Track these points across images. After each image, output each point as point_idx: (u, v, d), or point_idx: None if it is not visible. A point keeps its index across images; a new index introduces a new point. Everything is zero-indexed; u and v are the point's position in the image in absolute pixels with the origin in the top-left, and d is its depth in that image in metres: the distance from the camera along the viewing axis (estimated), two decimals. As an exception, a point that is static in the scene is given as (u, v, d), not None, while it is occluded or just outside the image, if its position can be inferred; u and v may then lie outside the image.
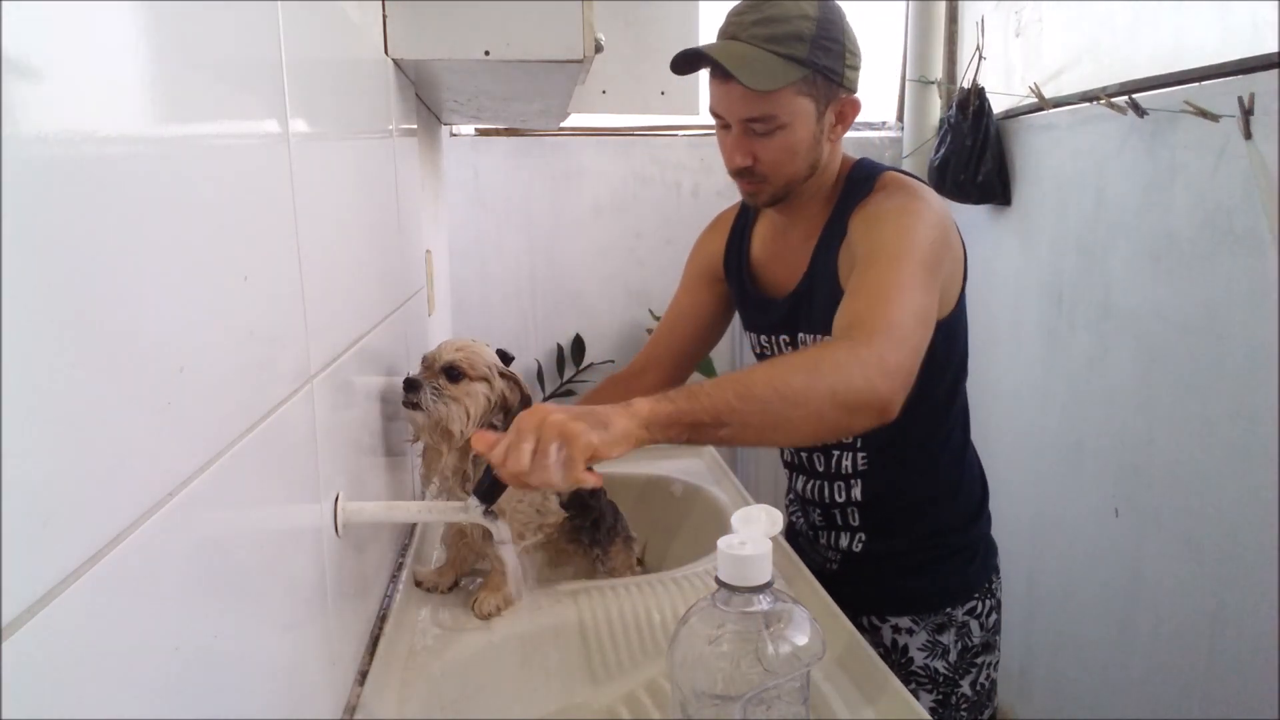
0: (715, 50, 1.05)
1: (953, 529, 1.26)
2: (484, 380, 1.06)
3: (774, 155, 1.10)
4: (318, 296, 0.74)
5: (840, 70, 1.08)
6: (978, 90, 2.24)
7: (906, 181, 1.14)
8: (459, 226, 2.49)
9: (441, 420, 1.04)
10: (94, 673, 0.37)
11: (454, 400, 1.04)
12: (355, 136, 0.95)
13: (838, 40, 1.07)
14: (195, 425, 0.48)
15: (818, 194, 1.17)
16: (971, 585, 1.26)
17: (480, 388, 1.05)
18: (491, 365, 1.08)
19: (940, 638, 1.23)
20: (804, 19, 1.04)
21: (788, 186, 1.14)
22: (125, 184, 0.41)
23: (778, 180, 1.13)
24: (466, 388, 1.05)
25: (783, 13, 1.04)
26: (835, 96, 1.10)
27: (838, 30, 1.07)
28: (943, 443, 1.24)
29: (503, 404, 1.08)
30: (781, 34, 1.04)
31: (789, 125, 1.08)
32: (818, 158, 1.13)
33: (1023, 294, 2.26)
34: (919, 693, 1.23)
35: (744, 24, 1.06)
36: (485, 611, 1.02)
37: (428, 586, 1.09)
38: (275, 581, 0.63)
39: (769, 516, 0.72)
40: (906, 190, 1.11)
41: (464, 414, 1.04)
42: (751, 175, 1.12)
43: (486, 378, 1.06)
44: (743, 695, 0.66)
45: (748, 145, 1.10)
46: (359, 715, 0.82)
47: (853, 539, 1.26)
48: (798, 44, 1.04)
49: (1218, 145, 1.60)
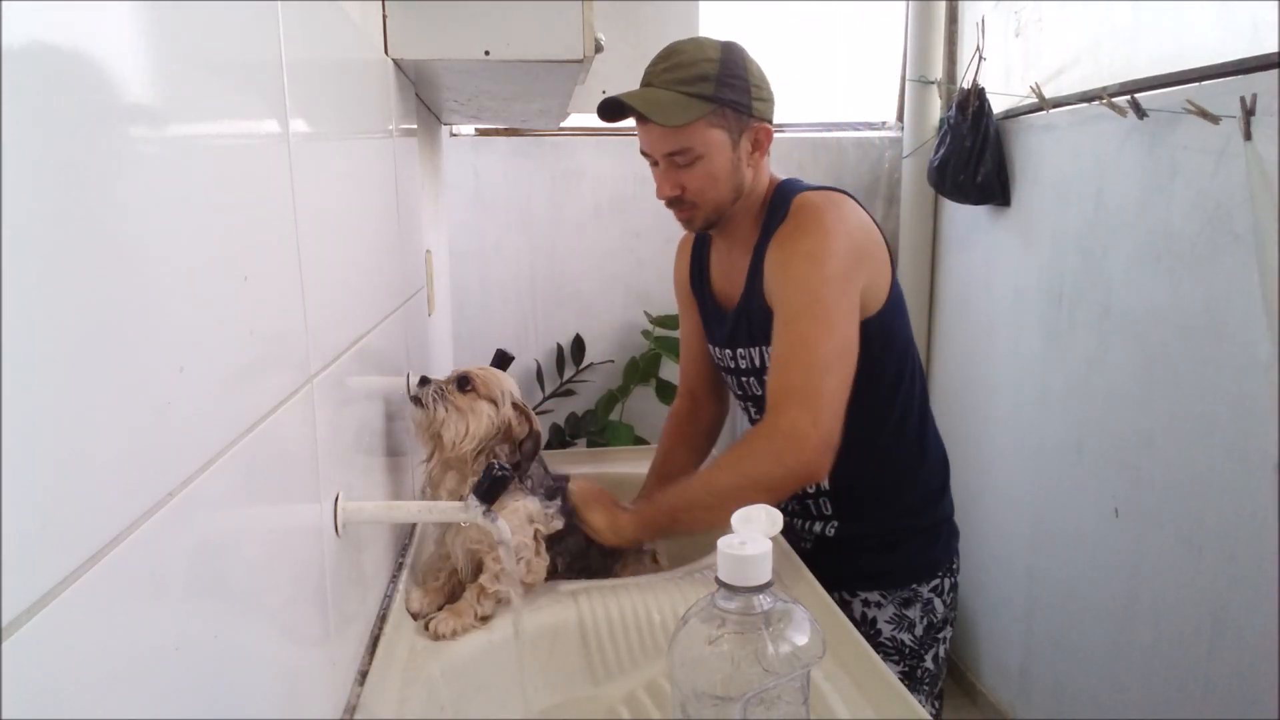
0: (631, 97, 1.17)
1: (917, 511, 1.36)
2: (492, 402, 1.08)
3: (697, 184, 1.21)
4: (318, 296, 0.74)
5: (747, 102, 1.19)
6: (977, 91, 2.24)
7: (814, 207, 1.22)
8: (459, 226, 2.49)
9: (436, 423, 1.04)
10: (94, 673, 0.37)
11: (455, 409, 1.05)
12: (355, 136, 0.95)
13: (740, 76, 1.18)
14: (195, 425, 0.48)
15: (747, 215, 1.28)
16: (936, 563, 1.36)
17: (486, 408, 1.07)
18: (506, 392, 1.09)
19: (907, 612, 1.33)
20: (707, 61, 1.17)
21: (717, 211, 1.25)
22: (125, 184, 0.41)
23: (706, 206, 1.24)
24: (472, 402, 1.06)
25: (689, 58, 1.17)
26: (747, 126, 1.21)
27: (739, 68, 1.18)
28: (897, 429, 1.33)
29: (508, 433, 1.09)
30: (688, 76, 1.16)
31: (705, 155, 1.19)
32: (740, 182, 1.23)
33: (1023, 294, 2.26)
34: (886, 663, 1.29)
35: (657, 72, 1.19)
36: (441, 632, 0.98)
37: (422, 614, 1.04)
38: (275, 581, 0.63)
39: (769, 516, 0.72)
40: (813, 222, 1.20)
41: (462, 427, 1.05)
42: (681, 204, 1.24)
43: (495, 400, 1.08)
44: (743, 695, 0.66)
45: (674, 177, 1.22)
46: (359, 715, 0.82)
47: (825, 525, 1.36)
48: (704, 83, 1.16)
49: (1218, 146, 1.60)
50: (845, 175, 2.65)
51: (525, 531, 1.05)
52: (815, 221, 1.20)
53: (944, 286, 2.63)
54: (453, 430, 1.04)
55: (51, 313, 0.35)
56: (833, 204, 1.22)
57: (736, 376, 1.36)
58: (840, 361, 1.16)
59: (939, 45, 2.53)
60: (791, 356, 1.16)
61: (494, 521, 0.89)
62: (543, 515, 1.08)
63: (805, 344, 1.16)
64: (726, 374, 1.40)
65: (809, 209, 1.22)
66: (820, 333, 1.16)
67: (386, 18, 1.10)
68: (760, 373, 1.30)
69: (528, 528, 1.06)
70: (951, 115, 2.30)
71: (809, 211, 1.22)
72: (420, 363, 1.42)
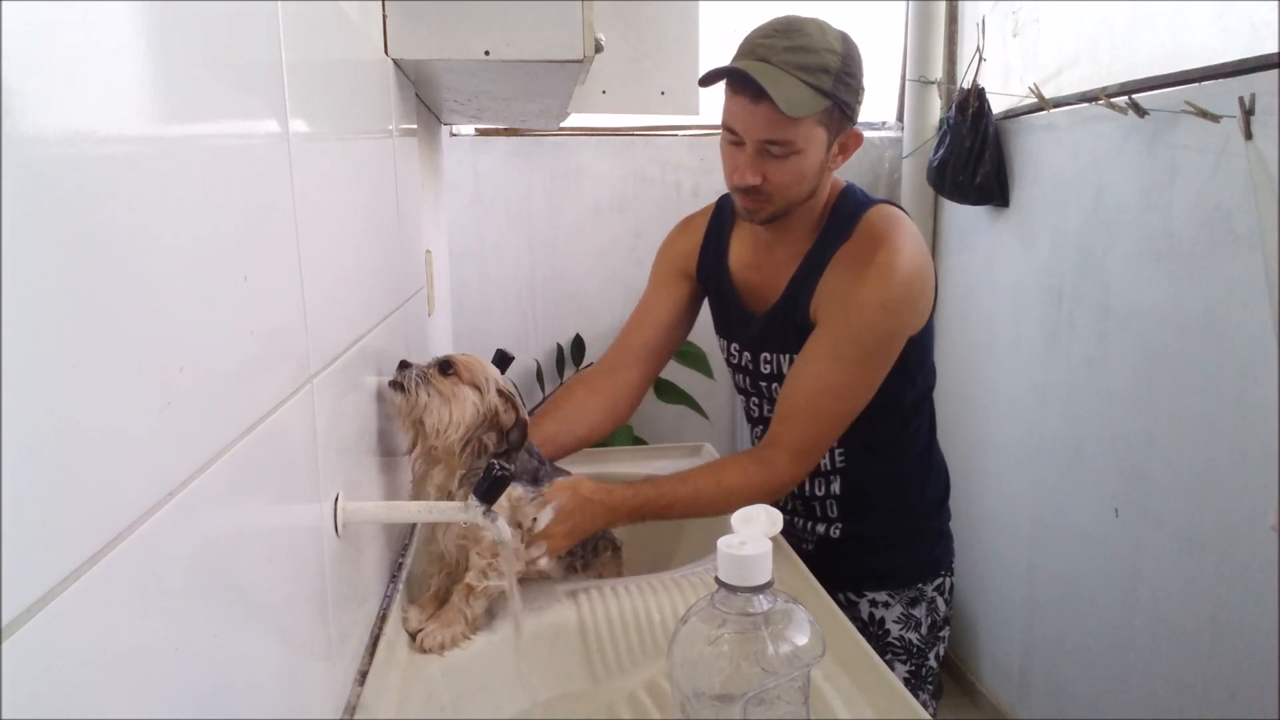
0: (756, 70, 1.07)
1: (921, 514, 1.37)
2: (476, 388, 1.03)
3: (783, 178, 1.14)
4: (318, 296, 0.74)
5: (855, 106, 1.14)
6: (977, 91, 2.24)
7: (886, 234, 1.17)
8: (459, 227, 2.49)
9: (418, 408, 1.00)
10: (94, 673, 0.37)
11: (438, 393, 1.01)
12: (355, 136, 0.95)
13: (856, 76, 1.12)
14: (195, 425, 0.48)
15: (806, 217, 1.23)
16: (939, 562, 1.37)
17: (470, 394, 1.02)
18: (490, 379, 1.05)
19: (913, 611, 1.33)
20: (831, 53, 1.08)
21: (788, 208, 1.19)
22: (125, 184, 0.41)
23: (780, 201, 1.17)
24: (454, 387, 1.02)
25: (813, 44, 1.08)
26: (844, 129, 1.15)
27: (857, 67, 1.12)
28: (913, 438, 1.33)
29: (494, 422, 1.04)
30: (812, 64, 1.07)
31: (803, 151, 1.12)
32: (819, 184, 1.19)
33: (1023, 294, 2.26)
34: (894, 664, 1.32)
35: (775, 49, 1.08)
36: (428, 646, 0.96)
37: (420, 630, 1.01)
38: (275, 581, 0.63)
39: (769, 516, 0.72)
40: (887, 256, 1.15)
41: (445, 413, 1.00)
42: (757, 194, 1.16)
43: (479, 387, 1.03)
44: (743, 695, 0.66)
45: (760, 165, 1.13)
46: (359, 715, 0.82)
47: (829, 527, 1.35)
48: (824, 76, 1.08)
49: (1218, 145, 1.60)
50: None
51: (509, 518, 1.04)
52: (891, 255, 1.15)
53: (944, 286, 2.63)
54: (435, 416, 1.00)
55: (51, 313, 0.35)
56: (903, 231, 1.18)
57: (748, 377, 1.33)
58: (855, 413, 1.19)
59: (939, 45, 2.53)
60: (824, 405, 1.17)
61: (495, 522, 0.88)
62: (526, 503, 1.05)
63: (842, 395, 1.17)
64: (735, 370, 1.37)
65: (880, 234, 1.17)
66: (860, 386, 1.17)
67: (386, 18, 1.10)
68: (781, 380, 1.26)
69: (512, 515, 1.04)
70: (951, 115, 2.30)
71: (881, 238, 1.16)
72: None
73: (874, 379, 1.18)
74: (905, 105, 2.60)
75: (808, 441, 1.19)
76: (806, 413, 1.18)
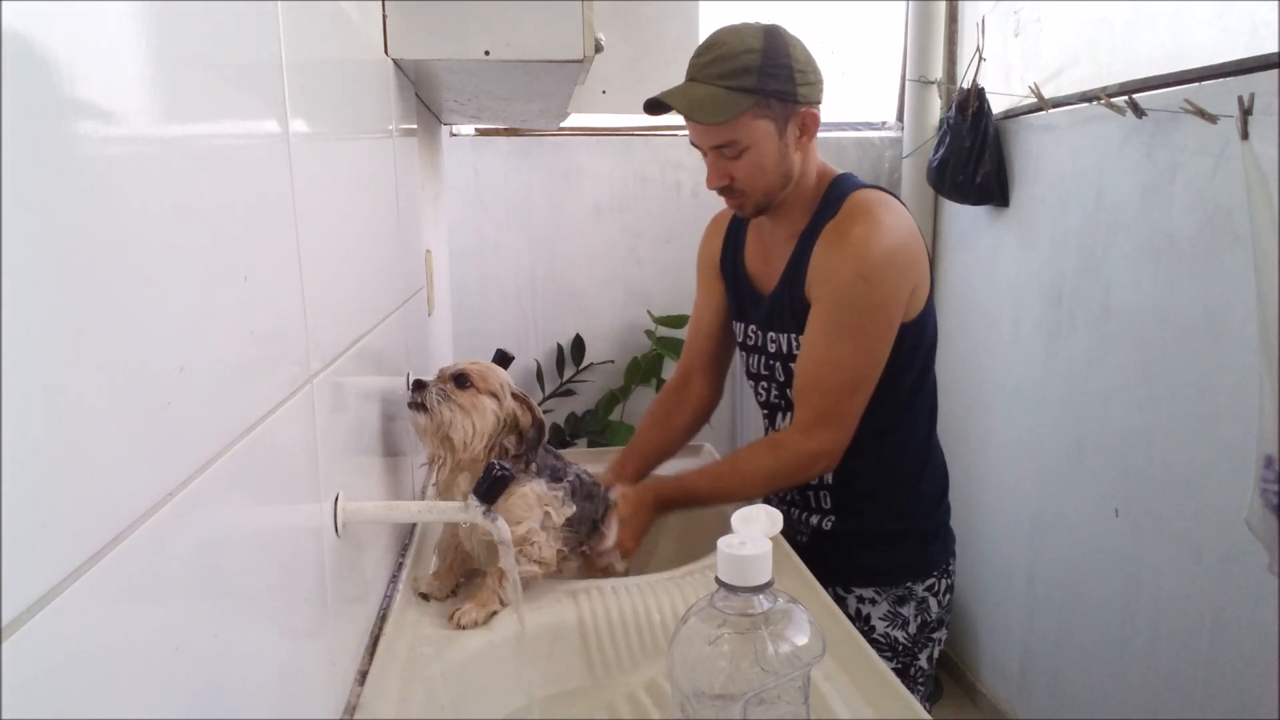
0: (672, 96, 1.19)
1: (916, 513, 1.37)
2: (493, 396, 1.06)
3: (746, 173, 1.22)
4: (318, 296, 0.74)
5: (791, 90, 1.18)
6: (977, 91, 2.24)
7: (868, 210, 1.23)
8: (459, 226, 2.49)
9: (444, 425, 1.03)
10: (94, 673, 0.37)
11: (460, 408, 1.03)
12: (355, 136, 0.95)
13: (783, 64, 1.17)
14: (195, 425, 0.48)
15: (799, 200, 1.29)
16: (931, 564, 1.37)
17: (489, 403, 1.05)
18: (504, 384, 1.08)
19: (901, 609, 1.34)
20: (749, 52, 1.16)
21: (768, 197, 1.26)
22: (125, 184, 0.41)
23: (756, 193, 1.25)
24: (474, 399, 1.05)
25: (729, 51, 1.16)
26: (793, 113, 1.21)
27: (782, 55, 1.17)
28: (909, 430, 1.35)
29: (514, 425, 1.07)
30: (730, 69, 1.16)
31: (752, 146, 1.20)
32: (789, 169, 1.24)
33: (1023, 294, 2.26)
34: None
35: (699, 65, 1.19)
36: (465, 623, 1.00)
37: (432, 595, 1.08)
38: (275, 581, 0.63)
39: (769, 516, 0.72)
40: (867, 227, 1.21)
41: (470, 426, 1.03)
42: (731, 192, 1.26)
43: (496, 394, 1.06)
44: (743, 695, 0.66)
45: (722, 167, 1.23)
46: (359, 715, 0.82)
47: (823, 519, 1.36)
48: (746, 75, 1.16)
49: (1217, 146, 1.60)
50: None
51: (534, 515, 1.05)
52: (869, 226, 1.20)
53: (944, 286, 2.63)
54: (461, 430, 1.03)
55: (51, 313, 0.35)
56: (887, 208, 1.23)
57: (762, 356, 1.36)
58: (867, 381, 1.23)
59: (939, 45, 2.53)
60: (823, 377, 1.23)
61: (494, 521, 0.88)
62: (551, 498, 1.07)
63: (838, 367, 1.22)
64: (749, 352, 1.40)
65: (862, 209, 1.22)
66: (858, 357, 1.22)
67: (386, 18, 1.10)
68: (787, 359, 1.32)
69: (537, 510, 1.05)
70: (951, 115, 2.30)
71: (862, 213, 1.22)
72: (420, 362, 1.42)
73: (871, 349, 1.22)
74: (905, 105, 2.60)
75: (815, 414, 1.24)
76: (811, 388, 1.24)
